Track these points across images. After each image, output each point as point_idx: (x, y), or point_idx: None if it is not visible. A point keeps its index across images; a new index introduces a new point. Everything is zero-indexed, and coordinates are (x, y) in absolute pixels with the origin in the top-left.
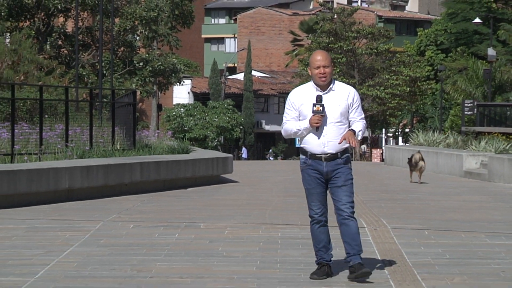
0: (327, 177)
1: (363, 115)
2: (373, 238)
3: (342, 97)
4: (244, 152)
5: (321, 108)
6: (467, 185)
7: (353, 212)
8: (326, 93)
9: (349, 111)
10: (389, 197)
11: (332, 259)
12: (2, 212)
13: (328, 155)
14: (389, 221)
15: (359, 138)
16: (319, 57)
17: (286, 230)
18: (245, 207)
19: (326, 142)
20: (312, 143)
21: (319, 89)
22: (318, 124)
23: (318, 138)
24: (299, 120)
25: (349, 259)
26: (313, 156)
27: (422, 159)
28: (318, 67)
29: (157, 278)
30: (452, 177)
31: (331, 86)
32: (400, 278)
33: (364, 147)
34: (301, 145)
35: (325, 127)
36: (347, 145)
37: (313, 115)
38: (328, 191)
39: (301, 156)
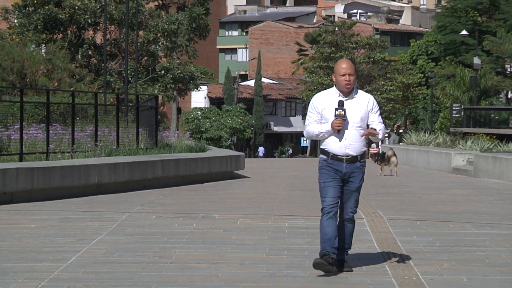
0: (344, 177)
1: (381, 120)
2: (371, 228)
3: (363, 103)
4: (260, 151)
5: (342, 113)
6: (455, 180)
7: (354, 215)
8: (348, 99)
9: (368, 116)
10: (385, 191)
11: (335, 253)
12: (38, 204)
13: (349, 157)
14: (385, 213)
15: (380, 136)
16: (344, 65)
17: (292, 220)
18: (256, 200)
19: (348, 145)
20: (334, 145)
21: (341, 95)
22: (339, 128)
23: (340, 140)
24: (321, 123)
25: (334, 251)
26: (335, 157)
27: (394, 155)
28: (344, 75)
29: (176, 263)
30: (442, 173)
31: (353, 93)
32: (395, 264)
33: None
34: (322, 147)
35: (347, 131)
36: (365, 148)
37: (335, 119)
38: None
39: (322, 156)
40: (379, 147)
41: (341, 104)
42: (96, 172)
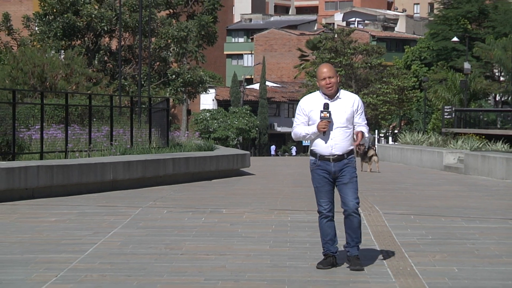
0: (334, 176)
1: (366, 121)
2: (368, 221)
3: (348, 104)
4: (272, 149)
5: (328, 115)
6: (446, 177)
7: (358, 207)
8: (333, 101)
9: (354, 117)
10: (380, 187)
11: (337, 251)
12: (57, 200)
13: (335, 156)
14: (381, 207)
15: (366, 139)
16: (324, 70)
17: (294, 215)
18: (260, 195)
19: (334, 145)
20: (321, 146)
21: (327, 97)
22: (325, 129)
23: (326, 141)
24: (308, 125)
25: (348, 250)
26: (322, 158)
27: (375, 154)
28: (324, 78)
29: (186, 255)
30: (434, 171)
31: (338, 94)
32: (390, 255)
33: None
34: (311, 148)
35: (332, 132)
36: (353, 147)
37: (320, 121)
38: (335, 188)
39: (311, 157)
40: (375, 146)
41: (326, 106)
42: (111, 170)
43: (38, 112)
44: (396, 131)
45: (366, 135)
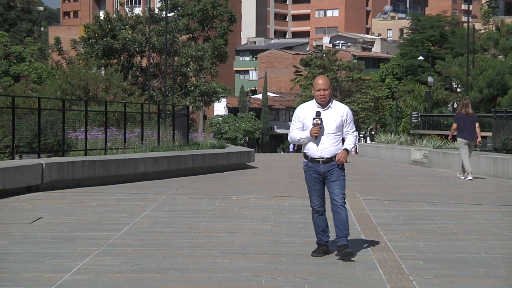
0: (324, 175)
1: (354, 129)
2: (350, 206)
3: (338, 113)
4: (290, 147)
5: (319, 121)
6: (414, 170)
7: (344, 203)
8: (326, 109)
9: (344, 125)
10: (360, 178)
11: (329, 240)
12: (98, 188)
13: (324, 159)
14: (361, 194)
15: (351, 151)
16: (320, 81)
17: (291, 200)
18: (263, 185)
19: (323, 149)
20: (312, 149)
21: (320, 106)
22: (316, 134)
23: (317, 145)
24: (303, 130)
25: (337, 240)
26: (313, 160)
27: None
28: (320, 90)
29: (203, 233)
30: (404, 165)
31: (329, 104)
32: (368, 233)
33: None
34: (304, 151)
35: (323, 137)
36: (340, 151)
37: (312, 127)
38: (325, 186)
39: (304, 159)
40: (356, 144)
41: (318, 114)
42: (142, 164)
43: (83, 117)
44: (373, 133)
45: (352, 148)
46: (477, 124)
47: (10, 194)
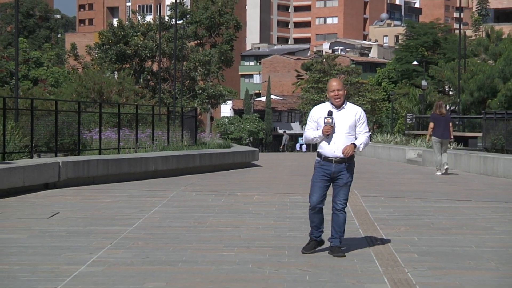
0: (333, 176)
1: (367, 129)
2: (349, 202)
3: (351, 114)
4: (304, 147)
5: (330, 120)
6: (409, 168)
7: (345, 207)
8: (339, 110)
9: (356, 125)
10: (358, 176)
11: (321, 237)
12: (112, 186)
13: (337, 158)
14: (359, 191)
15: (360, 149)
16: (334, 83)
17: (293, 197)
18: (266, 182)
19: (337, 148)
20: (326, 148)
21: (334, 107)
22: (328, 133)
23: (329, 144)
24: (317, 129)
25: (331, 240)
26: (326, 159)
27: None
28: (334, 91)
29: (210, 227)
30: (399, 163)
31: (343, 105)
32: (366, 228)
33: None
34: (318, 150)
35: (337, 136)
36: (353, 152)
37: (324, 126)
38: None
39: (317, 157)
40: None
41: (329, 113)
42: (153, 162)
43: (97, 119)
44: (370, 133)
45: (362, 146)
46: (450, 124)
47: (29, 190)
